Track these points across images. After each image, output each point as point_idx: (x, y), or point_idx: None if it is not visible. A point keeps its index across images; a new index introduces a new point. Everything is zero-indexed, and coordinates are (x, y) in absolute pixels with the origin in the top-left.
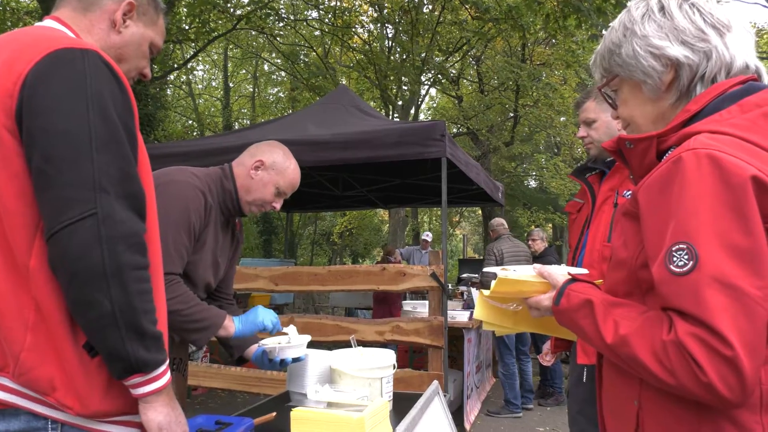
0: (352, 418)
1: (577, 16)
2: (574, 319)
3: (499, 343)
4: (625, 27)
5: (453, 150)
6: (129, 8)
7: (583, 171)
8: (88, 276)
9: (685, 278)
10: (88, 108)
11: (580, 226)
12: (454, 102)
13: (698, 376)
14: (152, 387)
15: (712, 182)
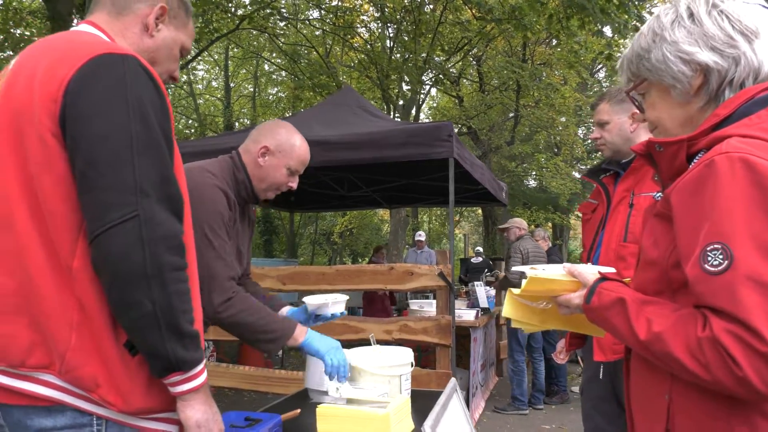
0: (378, 414)
1: (581, 16)
2: (605, 317)
3: (512, 339)
4: (655, 33)
5: (460, 150)
6: (161, 12)
7: (597, 172)
8: (130, 277)
9: (721, 277)
10: (129, 113)
11: (594, 226)
12: (455, 102)
13: (734, 370)
14: (190, 385)
15: (746, 185)
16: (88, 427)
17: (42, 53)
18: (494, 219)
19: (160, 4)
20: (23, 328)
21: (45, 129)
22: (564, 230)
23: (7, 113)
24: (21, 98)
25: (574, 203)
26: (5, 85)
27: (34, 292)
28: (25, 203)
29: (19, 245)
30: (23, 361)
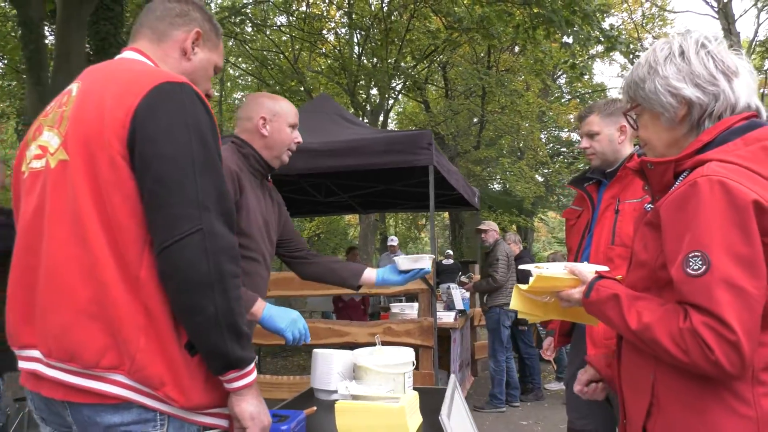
0: (394, 407)
1: (546, 27)
2: (602, 310)
3: (495, 340)
4: (650, 66)
5: (438, 158)
6: (197, 36)
7: (581, 181)
8: (196, 285)
9: (700, 279)
10: (190, 135)
11: (580, 231)
12: (421, 107)
13: (708, 355)
14: (245, 381)
15: (722, 204)
16: (152, 422)
17: (108, 82)
18: (461, 223)
19: (196, 29)
20: (98, 332)
21: (115, 152)
22: (528, 233)
23: (79, 138)
24: (91, 124)
25: (538, 206)
26: (75, 111)
27: (107, 299)
28: (97, 219)
29: (93, 258)
30: (97, 362)
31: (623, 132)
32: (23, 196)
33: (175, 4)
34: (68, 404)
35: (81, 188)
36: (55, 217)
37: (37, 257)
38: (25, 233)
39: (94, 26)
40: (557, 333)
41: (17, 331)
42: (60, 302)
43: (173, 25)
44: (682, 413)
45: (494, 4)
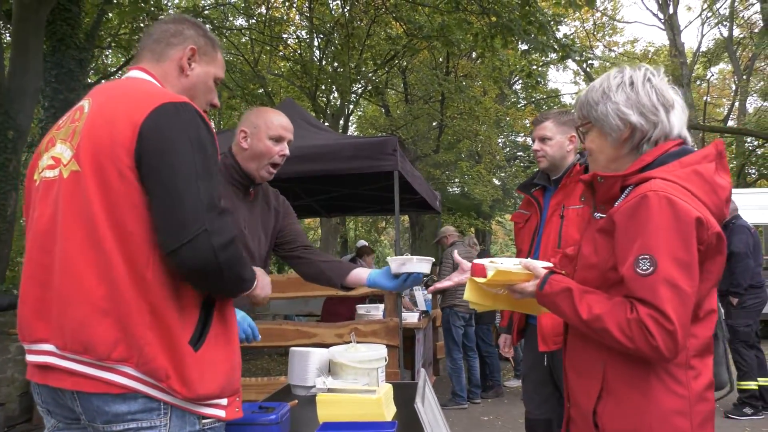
0: (372, 397)
1: (503, 35)
2: (555, 301)
3: (448, 340)
4: (604, 91)
5: (403, 163)
6: (192, 53)
7: (529, 186)
8: (211, 275)
9: (647, 278)
10: (192, 148)
11: (529, 234)
12: (381, 111)
13: (650, 341)
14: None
15: (669, 216)
16: (156, 411)
17: (117, 100)
18: (421, 226)
19: (190, 46)
20: (110, 327)
21: (124, 165)
22: (486, 235)
23: (90, 151)
24: (102, 139)
25: (496, 209)
26: (87, 126)
27: (119, 297)
28: (108, 226)
29: (106, 259)
30: (109, 354)
31: (572, 142)
32: (36, 202)
33: (170, 25)
34: (78, 394)
35: (93, 196)
36: (69, 221)
37: (50, 256)
38: (39, 235)
39: (51, 26)
40: (515, 331)
41: (30, 326)
42: (76, 299)
43: (170, 45)
44: (629, 394)
45: (453, 13)
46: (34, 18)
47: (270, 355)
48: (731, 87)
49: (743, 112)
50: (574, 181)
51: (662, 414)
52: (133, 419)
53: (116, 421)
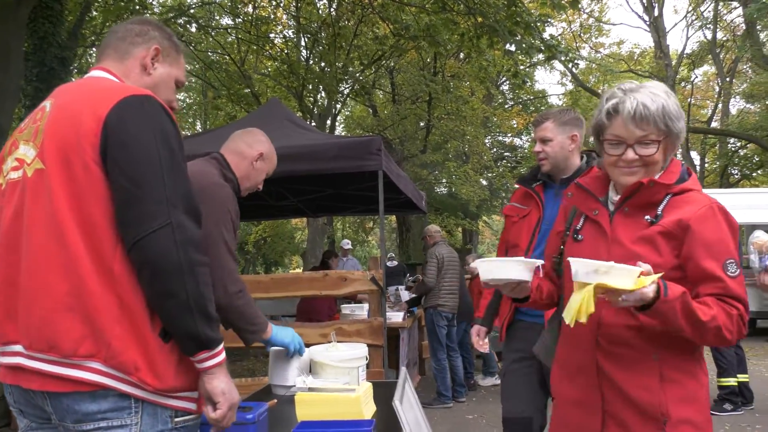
0: (350, 396)
1: (489, 36)
2: (674, 307)
3: (433, 340)
4: (679, 108)
5: (387, 163)
6: (155, 53)
7: (530, 180)
8: (168, 273)
9: (737, 279)
10: (156, 141)
11: (529, 229)
12: (368, 111)
13: (742, 332)
14: (216, 360)
15: (732, 226)
16: (127, 410)
17: (79, 97)
18: (408, 226)
19: (155, 46)
20: (75, 323)
21: (89, 158)
22: (474, 235)
23: (55, 147)
24: (66, 135)
25: (483, 209)
26: (49, 124)
27: (85, 291)
28: (72, 219)
29: (70, 254)
30: (75, 350)
31: (574, 141)
32: (3, 204)
33: (135, 25)
34: (48, 394)
35: (57, 192)
36: (34, 218)
37: (18, 255)
38: (5, 234)
39: (33, 24)
40: (503, 327)
41: (1, 328)
42: (40, 296)
43: (134, 44)
44: (686, 380)
45: (440, 13)
46: (14, 16)
47: (256, 356)
48: (715, 89)
49: (726, 114)
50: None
51: (707, 393)
52: (104, 418)
53: (86, 420)
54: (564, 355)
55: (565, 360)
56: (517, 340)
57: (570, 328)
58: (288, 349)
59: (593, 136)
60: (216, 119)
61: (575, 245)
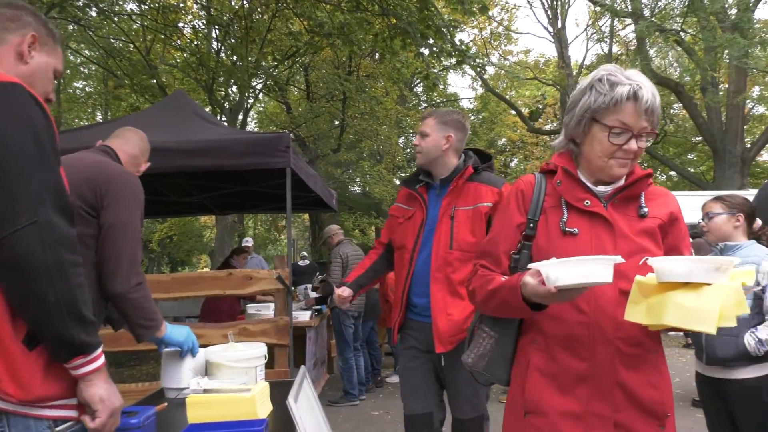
0: (245, 396)
1: (403, 38)
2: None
3: (340, 339)
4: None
5: (296, 160)
6: (32, 40)
7: (413, 182)
8: (34, 273)
9: None
10: (23, 133)
11: (413, 230)
12: (282, 108)
13: None
14: (93, 366)
15: None
16: None
17: None
18: (321, 224)
19: (31, 33)
20: None
21: None
22: None
23: None
24: None
25: None
26: None
27: None
28: None
29: None
30: None
31: (449, 141)
32: None
33: (6, 9)
34: None
35: None
36: None
37: None
38: None
39: None
40: (395, 328)
41: None
42: None
43: (6, 30)
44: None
45: (354, 12)
46: None
47: (157, 360)
48: None
49: None
50: (464, 183)
51: None
52: None
53: None
54: (554, 366)
55: (557, 371)
56: (411, 339)
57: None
58: (182, 349)
59: (577, 118)
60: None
61: (568, 240)
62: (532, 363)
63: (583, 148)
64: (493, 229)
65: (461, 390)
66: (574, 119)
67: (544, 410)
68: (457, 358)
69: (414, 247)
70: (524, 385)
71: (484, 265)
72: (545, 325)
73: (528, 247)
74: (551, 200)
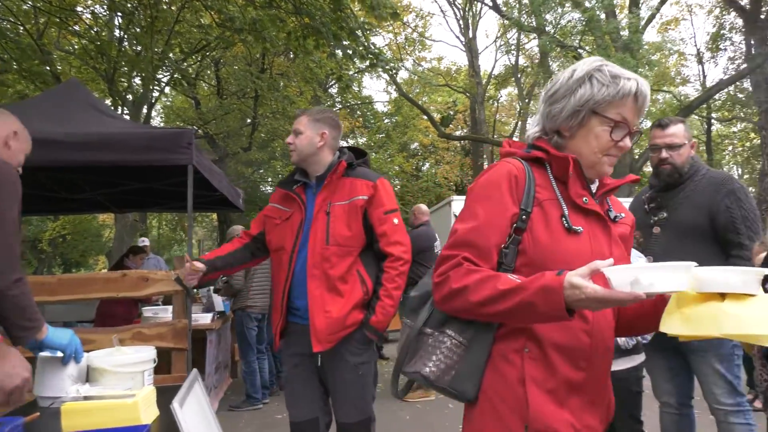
0: (127, 402)
1: (316, 37)
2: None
3: (242, 342)
4: None
5: (199, 157)
6: None
7: (290, 183)
8: None
9: None
10: None
11: (292, 231)
12: (191, 103)
13: None
14: None
15: None
16: None
17: None
18: (229, 223)
19: None
20: None
21: None
22: None
23: None
24: None
25: None
26: None
27: None
28: None
29: None
30: None
31: (323, 138)
32: None
33: None
34: None
35: None
36: None
37: None
38: None
39: None
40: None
41: None
42: None
43: None
44: None
45: (267, 9)
46: None
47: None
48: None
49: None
50: (339, 178)
51: None
52: None
53: None
54: (552, 376)
55: (555, 382)
56: (294, 344)
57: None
58: (64, 354)
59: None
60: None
61: (572, 239)
62: (528, 374)
63: (573, 142)
64: (477, 216)
65: (345, 392)
66: (566, 110)
67: (553, 425)
68: (337, 359)
69: (293, 248)
70: (526, 400)
71: (468, 258)
72: (544, 331)
73: (517, 242)
74: (545, 192)
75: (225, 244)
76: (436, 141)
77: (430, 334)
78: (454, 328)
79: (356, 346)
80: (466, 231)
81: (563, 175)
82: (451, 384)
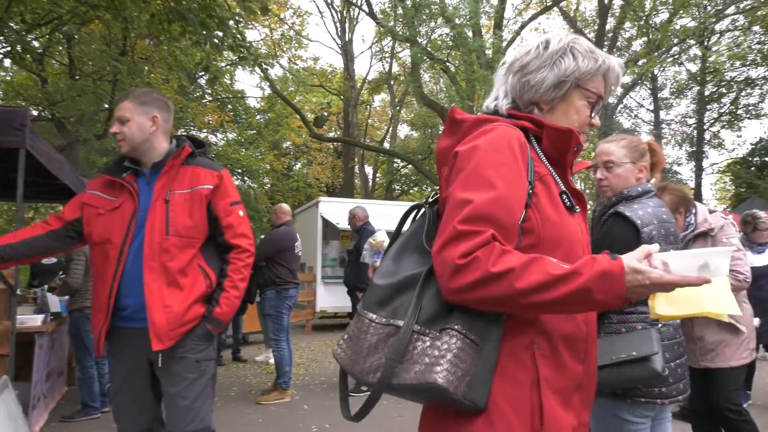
0: None
1: (182, 23)
2: None
3: (79, 346)
4: None
5: (35, 141)
6: None
7: (119, 170)
8: None
9: None
10: None
11: (123, 222)
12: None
13: None
14: None
15: None
16: None
17: None
18: None
19: None
20: None
21: None
22: None
23: None
24: None
25: None
26: None
27: None
28: None
29: None
30: None
31: (155, 123)
32: None
33: None
34: None
35: None
36: None
37: None
38: None
39: None
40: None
41: None
42: None
43: None
44: None
45: None
46: None
47: None
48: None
49: (394, 137)
50: (178, 165)
51: None
52: None
53: None
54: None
55: (565, 380)
56: (124, 349)
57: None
58: None
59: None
60: None
61: (571, 218)
62: (542, 375)
63: (552, 116)
64: (494, 184)
65: (181, 397)
66: (548, 81)
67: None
68: (175, 359)
69: (124, 240)
70: (540, 405)
71: (496, 236)
72: (553, 323)
73: (522, 220)
74: (541, 166)
75: (24, 228)
76: (308, 141)
77: (428, 332)
78: (460, 323)
79: (197, 342)
80: (485, 203)
81: (561, 150)
82: (465, 393)
